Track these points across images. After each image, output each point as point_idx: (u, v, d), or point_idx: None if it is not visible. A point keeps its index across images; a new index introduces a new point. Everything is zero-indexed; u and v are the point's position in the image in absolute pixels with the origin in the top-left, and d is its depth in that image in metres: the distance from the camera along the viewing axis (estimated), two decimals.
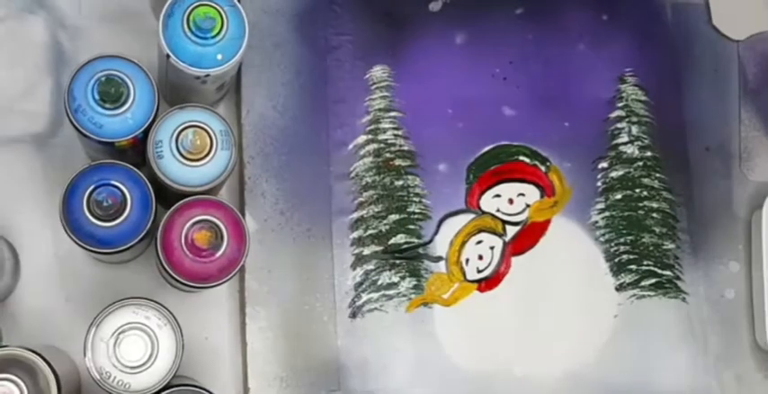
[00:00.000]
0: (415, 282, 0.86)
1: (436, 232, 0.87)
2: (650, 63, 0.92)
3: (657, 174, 0.91)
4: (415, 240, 0.87)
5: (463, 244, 0.88)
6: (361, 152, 0.87)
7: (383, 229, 0.87)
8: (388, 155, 0.88)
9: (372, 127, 0.88)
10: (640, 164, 0.91)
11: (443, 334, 0.86)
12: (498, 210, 0.88)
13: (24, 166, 0.84)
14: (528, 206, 0.89)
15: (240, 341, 0.85)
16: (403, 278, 0.86)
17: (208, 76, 0.74)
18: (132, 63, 0.73)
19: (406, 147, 0.88)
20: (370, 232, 0.86)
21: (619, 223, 0.90)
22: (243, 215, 0.82)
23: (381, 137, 0.88)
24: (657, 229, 0.90)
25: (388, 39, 0.89)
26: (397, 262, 0.86)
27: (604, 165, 0.90)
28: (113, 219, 0.72)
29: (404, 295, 0.86)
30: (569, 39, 0.91)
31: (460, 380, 0.86)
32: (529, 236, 0.89)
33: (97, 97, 0.72)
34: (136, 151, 0.75)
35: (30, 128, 0.85)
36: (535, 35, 0.91)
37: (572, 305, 0.88)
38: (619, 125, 0.91)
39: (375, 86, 0.88)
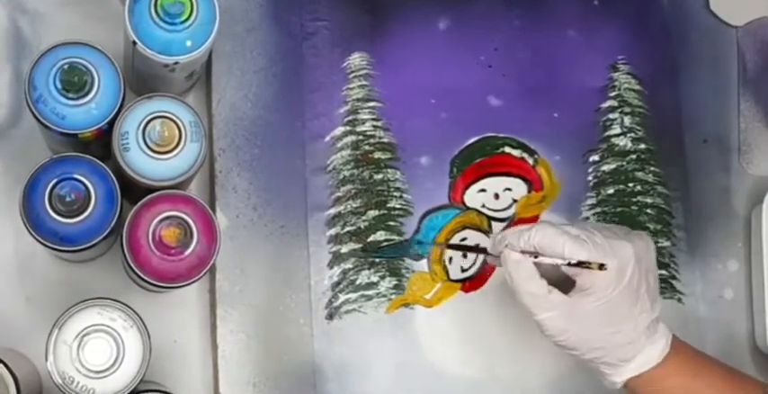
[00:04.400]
0: (395, 282, 0.87)
1: (417, 229, 0.88)
2: (644, 50, 0.93)
3: (652, 168, 0.91)
4: (396, 237, 0.88)
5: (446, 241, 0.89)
6: (339, 144, 0.88)
7: (362, 226, 0.87)
8: (366, 147, 0.88)
9: (350, 118, 0.88)
10: (634, 157, 0.91)
11: (425, 336, 0.87)
12: (484, 206, 0.89)
13: None
14: (515, 201, 0.89)
15: (211, 344, 0.85)
16: (383, 277, 0.87)
17: (176, 63, 0.75)
18: (97, 50, 0.74)
19: (385, 139, 0.88)
20: (348, 229, 0.87)
21: (611, 219, 0.90)
22: (213, 211, 0.82)
23: (360, 128, 0.88)
24: (652, 226, 0.91)
25: (367, 24, 0.89)
26: (377, 260, 0.87)
27: (595, 158, 0.91)
28: (77, 216, 0.72)
29: (384, 295, 0.87)
30: (558, 24, 0.92)
31: (443, 384, 0.86)
32: None
33: (59, 86, 0.72)
34: (100, 143, 0.76)
35: None
36: (522, 20, 0.92)
37: None
38: (611, 116, 0.91)
39: (353, 75, 0.89)
